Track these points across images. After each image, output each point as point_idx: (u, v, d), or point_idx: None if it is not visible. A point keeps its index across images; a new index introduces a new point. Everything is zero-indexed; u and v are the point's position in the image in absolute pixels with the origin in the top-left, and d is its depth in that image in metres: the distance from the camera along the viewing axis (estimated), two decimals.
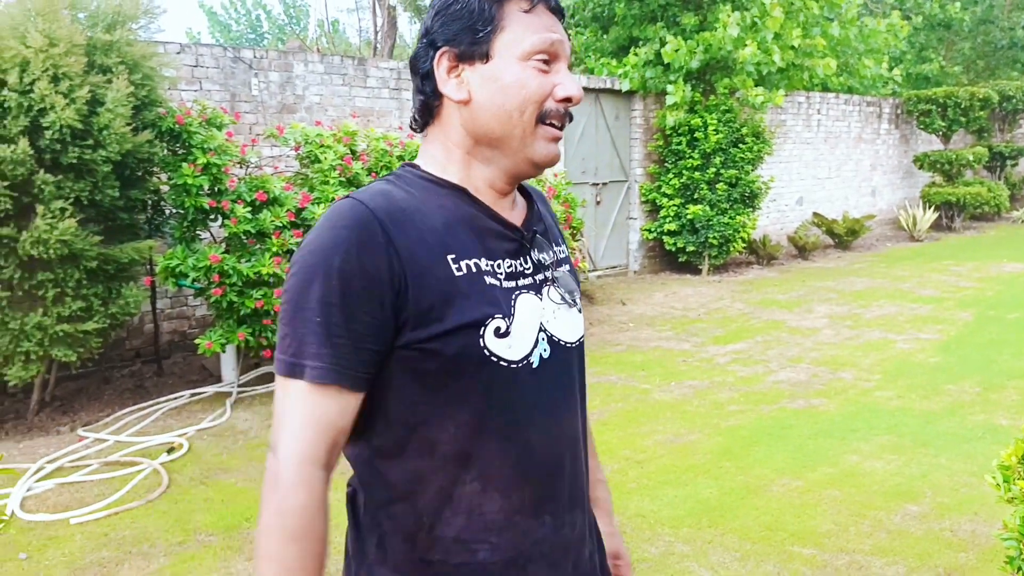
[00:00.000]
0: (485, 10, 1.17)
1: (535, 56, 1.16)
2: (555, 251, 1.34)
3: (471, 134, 1.20)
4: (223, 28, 25.44)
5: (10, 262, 4.59)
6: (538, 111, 1.17)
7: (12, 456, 4.57)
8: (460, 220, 1.18)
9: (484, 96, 1.17)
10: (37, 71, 4.46)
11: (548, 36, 1.17)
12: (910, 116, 15.03)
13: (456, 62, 1.18)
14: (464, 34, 1.17)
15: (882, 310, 8.14)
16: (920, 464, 4.23)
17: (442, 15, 1.20)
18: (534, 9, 1.18)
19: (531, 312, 1.21)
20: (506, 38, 1.16)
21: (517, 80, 1.16)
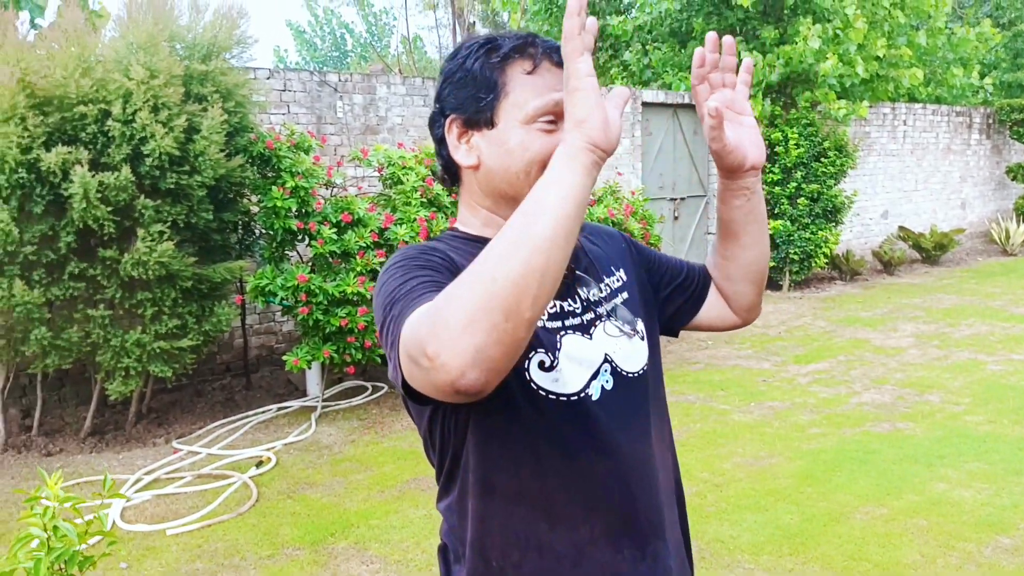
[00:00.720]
0: (488, 77, 1.19)
1: (540, 119, 1.18)
2: (607, 283, 1.35)
3: (488, 194, 1.25)
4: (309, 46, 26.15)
5: (112, 282, 4.84)
6: (542, 170, 1.09)
7: (112, 467, 4.81)
8: None
9: (492, 160, 1.21)
10: (139, 102, 4.70)
11: (551, 97, 1.17)
12: (1002, 126, 14.51)
13: (465, 128, 1.22)
14: (470, 102, 1.20)
15: (972, 329, 7.89)
16: (1012, 494, 4.11)
17: (449, 82, 1.23)
18: (537, 69, 1.19)
19: (583, 350, 1.23)
20: (510, 103, 1.19)
21: (520, 144, 1.18)
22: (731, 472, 4.47)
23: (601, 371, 1.23)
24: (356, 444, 5.11)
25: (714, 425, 5.27)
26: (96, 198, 4.58)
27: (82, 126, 4.73)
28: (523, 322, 0.88)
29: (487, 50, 1.21)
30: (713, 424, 5.29)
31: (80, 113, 4.69)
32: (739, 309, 1.51)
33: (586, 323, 1.26)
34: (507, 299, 0.87)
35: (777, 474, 4.43)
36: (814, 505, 4.03)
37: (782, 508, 4.00)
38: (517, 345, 0.89)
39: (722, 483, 4.33)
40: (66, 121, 4.71)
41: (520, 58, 1.19)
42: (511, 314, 0.87)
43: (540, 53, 1.20)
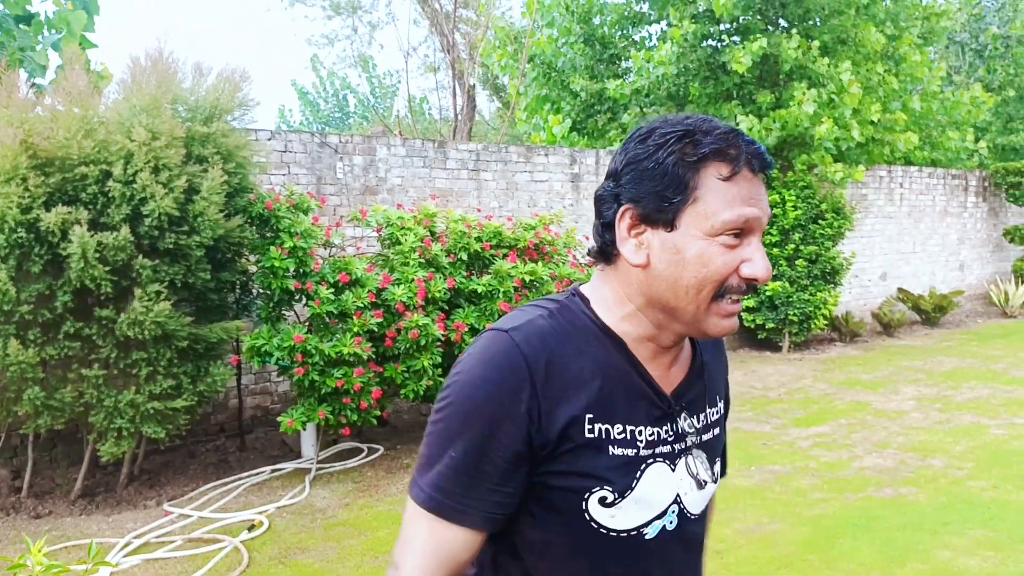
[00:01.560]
0: (679, 176, 1.09)
1: (725, 232, 1.08)
2: (708, 414, 1.28)
3: (644, 295, 1.15)
4: (312, 107, 26.52)
5: (107, 342, 4.81)
6: (717, 289, 1.10)
7: (102, 530, 4.72)
8: (609, 376, 1.14)
9: (662, 265, 1.11)
10: (140, 163, 4.74)
11: (743, 213, 1.08)
12: (998, 188, 14.63)
13: (639, 223, 1.13)
14: (653, 198, 1.10)
15: (974, 392, 7.83)
16: (1019, 563, 4.02)
17: (633, 168, 1.13)
18: (735, 177, 1.09)
19: (658, 484, 1.17)
20: (697, 210, 1.09)
21: (700, 257, 1.08)
22: (732, 539, 4.39)
23: (669, 511, 1.19)
24: (350, 508, 5.02)
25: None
26: (94, 258, 4.58)
27: (83, 186, 4.76)
28: None
29: (684, 144, 1.09)
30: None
31: (81, 174, 4.72)
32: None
33: (676, 452, 1.20)
34: None
35: (779, 541, 4.35)
36: (818, 573, 3.94)
37: None
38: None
39: (723, 550, 4.24)
40: (67, 181, 4.74)
41: (718, 161, 1.09)
42: None
43: (741, 158, 1.10)
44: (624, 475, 1.13)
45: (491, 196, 8.37)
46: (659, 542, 1.17)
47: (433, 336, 5.54)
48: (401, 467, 5.77)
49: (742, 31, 10.13)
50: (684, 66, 10.20)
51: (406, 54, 15.59)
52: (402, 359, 5.62)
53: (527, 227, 6.51)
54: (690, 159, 1.08)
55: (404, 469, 5.73)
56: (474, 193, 8.22)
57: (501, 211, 8.36)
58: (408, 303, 5.52)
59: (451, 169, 8.05)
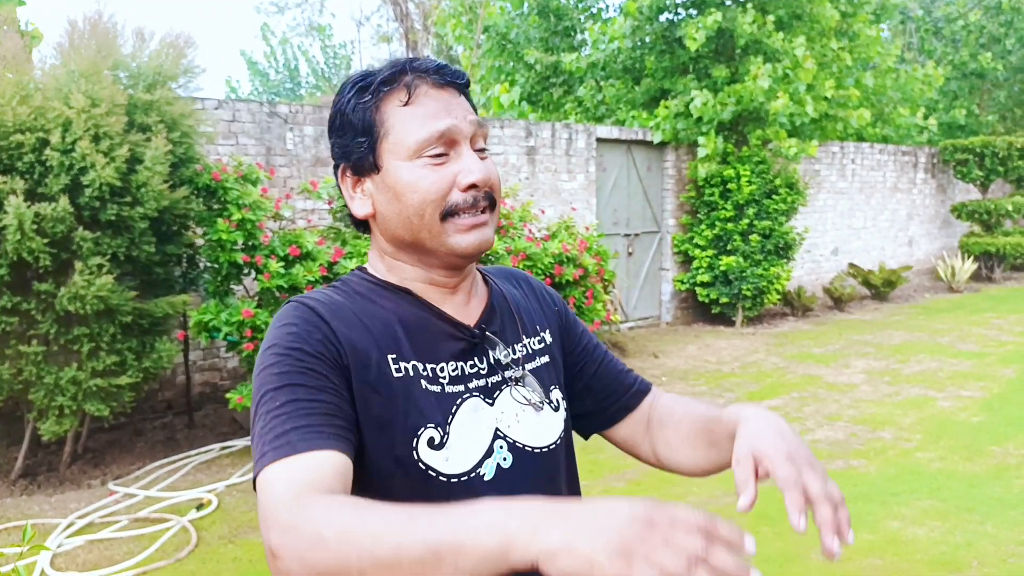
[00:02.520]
0: (363, 119, 1.10)
1: (425, 152, 1.08)
2: (526, 343, 1.25)
3: (389, 241, 1.16)
4: (262, 76, 26.01)
5: (47, 317, 4.65)
6: (440, 209, 1.09)
7: (44, 511, 4.58)
8: (402, 320, 1.13)
9: (384, 206, 1.12)
10: (79, 131, 4.55)
11: (434, 127, 1.08)
12: (946, 165, 14.89)
13: (356, 176, 1.15)
14: (353, 148, 1.12)
15: (921, 365, 7.98)
16: (965, 531, 4.09)
17: (332, 130, 1.16)
18: (413, 98, 1.09)
19: (478, 420, 1.13)
20: (391, 142, 1.10)
21: (409, 185, 1.09)
22: None
23: (495, 448, 1.13)
24: None
25: None
26: (32, 229, 4.41)
27: (18, 155, 4.56)
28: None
29: (359, 89, 1.11)
30: None
31: (16, 142, 4.52)
32: (661, 461, 1.32)
33: (491, 386, 1.16)
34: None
35: (732, 513, 4.37)
36: (769, 546, 3.97)
37: None
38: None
39: None
40: (1, 150, 4.54)
41: (393, 90, 1.10)
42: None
43: (414, 79, 1.10)
44: (441, 411, 1.09)
45: None
46: (500, 482, 1.11)
47: None
48: None
49: (698, 4, 10.10)
50: (640, 40, 10.16)
51: (359, 23, 15.29)
52: None
53: None
54: (367, 99, 1.10)
55: None
56: None
57: None
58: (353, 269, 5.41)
59: None
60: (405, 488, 1.05)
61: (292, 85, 26.24)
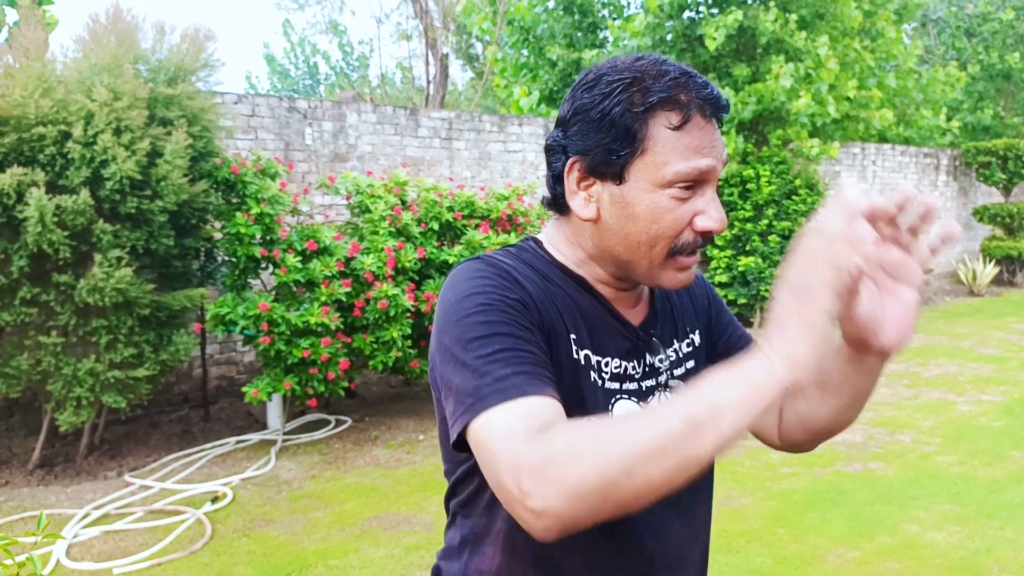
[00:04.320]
0: (627, 127, 1.02)
1: (676, 185, 1.02)
2: (677, 347, 1.23)
3: (597, 247, 1.11)
4: (282, 74, 26.10)
5: (66, 309, 4.67)
6: (670, 246, 1.05)
7: (60, 501, 4.61)
8: (578, 307, 1.10)
9: (612, 219, 1.06)
10: (101, 124, 4.57)
11: (696, 164, 1.02)
12: (969, 168, 14.73)
13: (587, 175, 1.07)
14: (601, 150, 1.04)
15: (941, 369, 7.89)
16: (985, 537, 4.04)
17: (580, 119, 1.07)
18: (686, 125, 1.02)
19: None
20: (647, 161, 1.02)
21: (650, 212, 1.03)
22: None
23: None
24: (317, 480, 4.94)
25: None
26: (52, 221, 4.43)
27: (40, 147, 4.58)
28: (627, 509, 0.84)
29: (632, 92, 1.02)
30: None
31: (39, 134, 4.55)
32: (785, 440, 1.29)
33: (644, 390, 1.14)
34: (628, 495, 0.82)
35: (749, 515, 4.33)
36: (786, 547, 3.93)
37: (754, 550, 3.90)
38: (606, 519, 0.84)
39: None
40: (23, 142, 4.56)
41: (668, 109, 1.02)
42: (622, 506, 0.83)
43: (692, 105, 1.02)
44: (601, 406, 1.08)
45: (463, 166, 8.25)
46: None
47: (403, 307, 5.45)
48: (369, 439, 5.69)
49: (719, 3, 10.04)
50: (660, 37, 10.10)
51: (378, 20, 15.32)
52: (371, 330, 5.53)
53: (500, 198, 6.41)
54: (637, 109, 1.02)
55: (372, 441, 5.65)
56: (446, 162, 8.09)
57: (474, 181, 8.25)
58: (377, 273, 5.42)
59: (423, 137, 7.91)
60: None
61: (312, 82, 26.32)
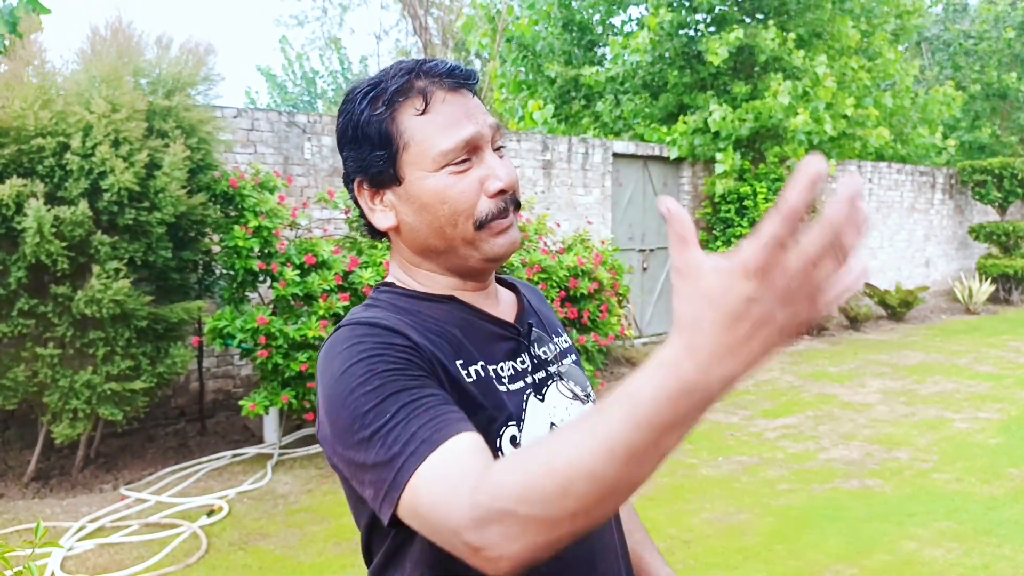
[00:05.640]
0: (379, 131, 1.05)
1: (450, 163, 1.04)
2: (556, 343, 1.24)
3: (418, 252, 1.12)
4: (280, 89, 26.16)
5: (63, 320, 4.66)
6: (472, 218, 1.05)
7: (56, 513, 4.58)
8: (453, 325, 1.09)
9: (410, 218, 1.08)
10: (99, 135, 4.58)
11: (458, 136, 1.03)
12: (965, 186, 14.79)
13: (374, 189, 1.09)
14: (370, 161, 1.07)
15: (938, 386, 7.89)
16: (982, 554, 4.03)
17: (345, 142, 1.10)
18: (430, 106, 1.04)
19: (540, 415, 1.11)
20: (412, 153, 1.05)
21: (435, 195, 1.04)
22: (699, 528, 4.36)
23: None
24: (313, 494, 4.92)
25: (682, 480, 5.16)
26: (51, 233, 4.43)
27: (39, 159, 4.60)
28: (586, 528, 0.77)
29: (371, 99, 1.06)
30: (681, 478, 5.17)
31: (38, 145, 4.56)
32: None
33: (538, 382, 1.14)
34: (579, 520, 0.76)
35: (746, 531, 4.32)
36: (784, 564, 3.92)
37: (751, 567, 3.89)
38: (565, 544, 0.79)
39: (690, 539, 4.20)
40: (22, 153, 4.57)
41: (408, 99, 1.04)
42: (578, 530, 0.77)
43: (429, 85, 1.05)
44: (516, 409, 1.08)
45: None
46: None
47: None
48: None
49: (718, 21, 10.11)
50: (660, 54, 10.16)
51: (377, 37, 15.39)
52: None
53: None
54: (380, 110, 1.04)
55: None
56: None
57: None
58: (375, 287, 5.41)
59: None
60: None
61: (310, 98, 26.40)
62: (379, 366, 0.94)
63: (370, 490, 0.91)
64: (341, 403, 0.94)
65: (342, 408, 0.93)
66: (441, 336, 1.06)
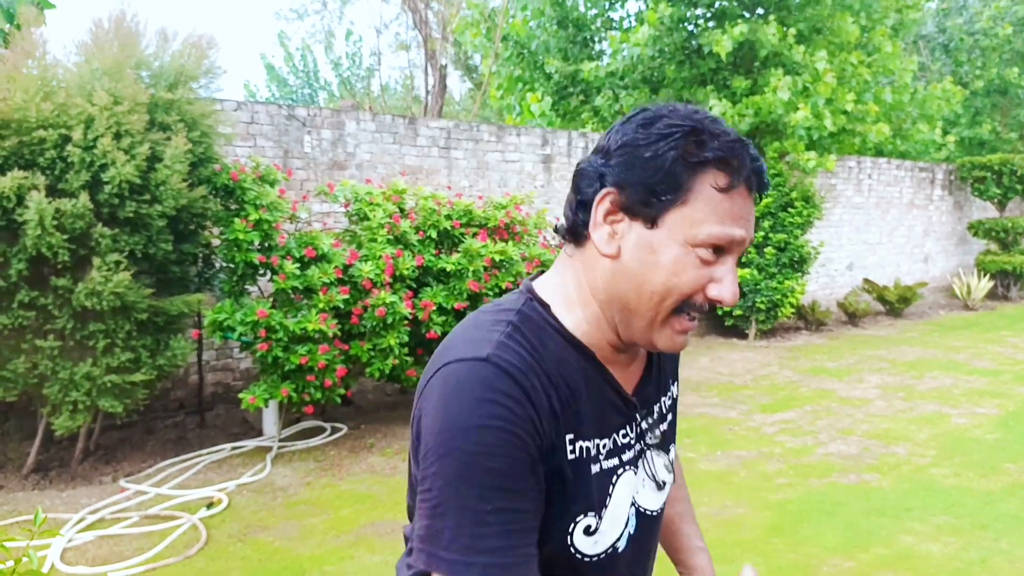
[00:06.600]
0: (676, 174, 1.00)
1: (706, 245, 1.00)
2: (662, 403, 1.22)
3: (607, 289, 1.06)
4: (280, 82, 26.08)
5: (64, 312, 4.67)
6: (680, 302, 1.02)
7: (55, 505, 4.59)
8: (583, 389, 1.06)
9: (631, 262, 1.03)
10: (101, 128, 4.58)
11: (730, 233, 1.00)
12: (964, 182, 14.80)
13: (619, 210, 1.03)
14: (640, 189, 1.01)
15: (936, 382, 7.92)
16: (979, 548, 4.05)
17: (628, 152, 1.03)
18: (731, 191, 1.01)
19: (626, 493, 1.11)
20: (684, 214, 1.00)
21: (674, 264, 1.00)
22: (698, 522, 4.36)
23: (629, 517, 1.12)
24: (312, 486, 4.94)
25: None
26: (52, 225, 4.43)
27: (40, 151, 4.59)
28: None
29: (689, 142, 1.00)
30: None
31: (39, 138, 4.56)
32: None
33: (637, 454, 1.14)
34: None
35: (744, 524, 4.34)
36: (781, 557, 3.94)
37: (749, 560, 3.90)
38: None
39: None
40: (23, 145, 4.57)
41: (719, 169, 1.00)
42: None
43: (742, 173, 1.01)
44: (600, 494, 1.07)
45: (461, 175, 8.27)
46: (628, 550, 1.13)
47: (400, 314, 5.46)
48: (364, 447, 5.68)
49: (718, 16, 10.10)
50: (660, 49, 10.15)
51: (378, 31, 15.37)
52: (368, 337, 5.53)
53: (498, 206, 6.43)
54: (692, 159, 1.00)
55: (367, 449, 5.64)
56: (444, 171, 8.11)
57: (471, 190, 8.27)
58: (375, 280, 5.43)
59: (421, 146, 7.93)
60: (546, 563, 1.04)
61: (310, 91, 26.32)
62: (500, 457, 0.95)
63: (426, 520, 0.98)
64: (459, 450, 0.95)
65: (459, 455, 0.95)
66: (567, 400, 1.04)
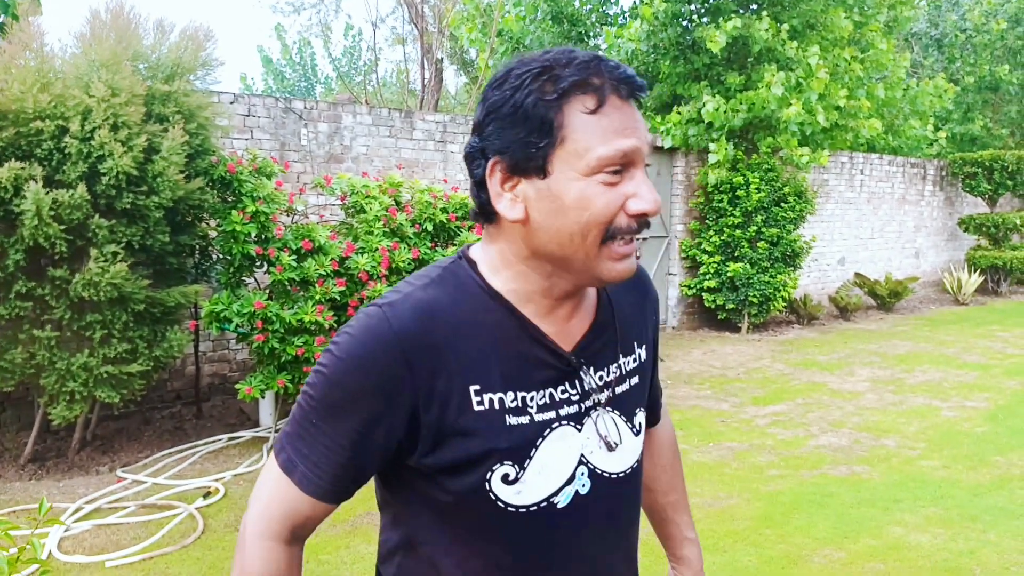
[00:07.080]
0: (542, 117, 0.98)
1: (603, 170, 0.98)
2: (621, 363, 1.18)
3: (530, 250, 1.05)
4: (277, 75, 26.04)
5: (61, 303, 4.69)
6: (603, 232, 1.00)
7: (52, 495, 4.62)
8: (500, 343, 1.06)
9: (541, 216, 1.01)
10: (98, 119, 4.60)
11: (619, 146, 0.98)
12: (955, 178, 14.89)
13: (510, 174, 1.02)
14: (518, 145, 1.00)
15: (926, 375, 7.99)
16: (968, 539, 4.11)
17: (494, 117, 1.02)
18: (603, 108, 0.98)
19: (565, 448, 1.09)
20: (568, 150, 0.98)
21: (578, 200, 0.98)
22: (691, 512, 4.41)
23: (577, 474, 1.10)
24: None
25: None
26: (49, 216, 4.45)
27: (38, 142, 4.61)
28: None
29: (542, 82, 0.98)
30: None
31: (36, 129, 4.57)
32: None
33: (583, 411, 1.11)
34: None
35: (736, 515, 4.39)
36: (772, 547, 3.99)
37: (740, 550, 3.96)
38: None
39: None
40: (21, 136, 4.58)
41: (581, 93, 0.98)
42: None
43: (606, 86, 0.99)
44: (522, 445, 1.05)
45: (457, 168, 8.30)
46: (574, 509, 1.09)
47: None
48: None
49: (712, 11, 10.13)
50: (654, 44, 10.18)
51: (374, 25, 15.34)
52: None
53: None
54: (550, 97, 0.98)
55: None
56: (440, 165, 8.14)
57: (467, 183, 8.28)
58: (371, 272, 5.46)
59: (418, 140, 7.96)
60: (471, 512, 1.06)
61: (307, 85, 26.28)
62: (337, 390, 1.04)
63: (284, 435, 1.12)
64: (315, 368, 1.08)
65: (313, 378, 1.08)
66: (477, 353, 1.05)
